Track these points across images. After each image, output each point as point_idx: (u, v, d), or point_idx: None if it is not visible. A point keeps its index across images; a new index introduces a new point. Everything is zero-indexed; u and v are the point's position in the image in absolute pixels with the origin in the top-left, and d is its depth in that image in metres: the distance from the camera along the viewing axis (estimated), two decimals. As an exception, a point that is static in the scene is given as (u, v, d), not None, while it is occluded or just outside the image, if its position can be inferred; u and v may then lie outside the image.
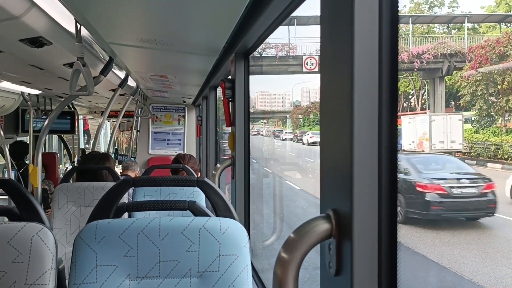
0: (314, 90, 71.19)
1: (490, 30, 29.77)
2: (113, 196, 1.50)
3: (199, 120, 5.46)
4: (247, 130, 2.28)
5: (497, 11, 30.83)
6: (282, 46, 23.69)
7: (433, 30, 32.91)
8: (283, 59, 23.77)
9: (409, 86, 31.54)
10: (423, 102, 31.58)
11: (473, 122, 24.81)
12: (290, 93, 69.70)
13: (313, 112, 41.87)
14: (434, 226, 8.21)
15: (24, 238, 1.18)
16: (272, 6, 1.40)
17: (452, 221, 8.37)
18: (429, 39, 26.16)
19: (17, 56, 2.45)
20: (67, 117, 6.11)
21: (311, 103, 47.59)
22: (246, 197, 2.31)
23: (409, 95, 32.77)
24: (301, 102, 64.98)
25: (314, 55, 23.64)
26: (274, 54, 23.39)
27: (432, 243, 7.56)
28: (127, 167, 4.54)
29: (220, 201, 1.55)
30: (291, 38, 24.54)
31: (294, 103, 62.39)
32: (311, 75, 25.84)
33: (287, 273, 0.76)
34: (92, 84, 2.18)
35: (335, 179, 0.79)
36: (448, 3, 39.17)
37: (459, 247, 7.29)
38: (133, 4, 1.62)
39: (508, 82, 19.54)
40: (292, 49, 24.00)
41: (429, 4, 38.87)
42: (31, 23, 1.72)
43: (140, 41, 2.18)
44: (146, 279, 1.24)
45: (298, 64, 23.67)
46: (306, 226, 0.77)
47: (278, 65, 23.81)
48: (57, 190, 2.62)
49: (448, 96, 25.97)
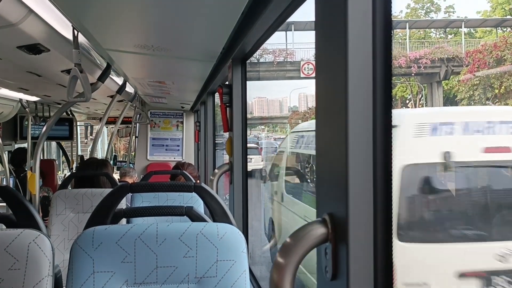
0: (311, 96, 71.36)
1: (486, 35, 29.90)
2: (111, 202, 1.50)
3: (197, 126, 5.46)
4: (244, 136, 2.28)
5: (493, 16, 30.98)
6: (280, 52, 23.66)
7: (429, 36, 33.05)
8: (281, 65, 23.71)
9: (406, 91, 31.61)
10: (421, 106, 31.64)
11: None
12: (288, 99, 69.90)
13: (311, 117, 42.07)
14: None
15: (21, 245, 1.18)
16: (269, 11, 1.41)
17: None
18: (425, 44, 26.25)
19: (14, 63, 2.45)
20: (65, 123, 6.12)
21: (309, 109, 47.87)
22: (244, 203, 2.31)
23: (406, 100, 32.83)
24: (299, 107, 65.16)
25: (311, 60, 23.62)
26: (271, 59, 23.35)
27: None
28: (125, 173, 4.53)
29: (217, 206, 1.54)
30: (288, 44, 24.54)
31: (291, 109, 62.61)
32: (308, 80, 25.85)
33: (284, 278, 0.76)
34: (89, 90, 2.19)
35: (330, 184, 0.79)
36: (444, 8, 39.37)
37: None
38: (130, 10, 1.63)
39: (505, 86, 19.59)
40: (289, 54, 23.98)
41: (425, 10, 39.07)
42: (28, 30, 1.72)
43: (138, 47, 2.18)
44: (143, 285, 1.24)
45: (296, 70, 23.63)
46: (302, 231, 0.77)
47: (276, 70, 23.77)
48: (55, 197, 2.62)
49: (445, 101, 26.01)
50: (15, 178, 5.10)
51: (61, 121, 5.97)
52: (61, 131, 6.09)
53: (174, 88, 4.07)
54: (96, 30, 1.92)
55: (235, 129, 2.26)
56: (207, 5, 1.49)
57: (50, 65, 2.56)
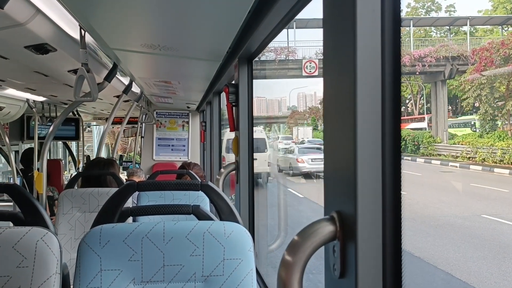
0: (310, 96, 71.46)
1: (486, 34, 29.71)
2: (118, 200, 1.50)
3: (203, 126, 5.47)
4: (251, 135, 2.28)
5: (493, 15, 30.81)
6: (281, 50, 23.31)
7: (430, 35, 32.88)
8: (283, 63, 23.37)
9: (406, 90, 31.44)
10: (421, 106, 31.50)
11: (472, 126, 24.67)
12: (287, 98, 69.96)
13: (311, 116, 41.99)
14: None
15: (28, 243, 1.19)
16: (275, 10, 1.41)
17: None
18: (426, 43, 26.01)
19: (22, 63, 2.47)
20: (71, 123, 6.15)
21: (309, 108, 47.78)
22: (250, 201, 2.31)
23: (406, 100, 32.66)
24: (298, 107, 65.17)
25: (314, 58, 23.26)
26: (273, 57, 22.96)
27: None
28: (132, 173, 4.56)
29: (224, 205, 1.54)
30: (290, 42, 24.18)
31: (290, 108, 62.71)
32: (307, 80, 25.68)
33: (292, 276, 0.76)
34: (96, 90, 2.19)
35: (339, 181, 0.79)
36: (445, 8, 39.19)
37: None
38: (137, 10, 1.63)
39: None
40: (291, 52, 23.62)
41: (426, 9, 38.90)
42: (36, 29, 1.73)
43: (144, 46, 2.19)
44: (150, 283, 1.24)
45: (298, 68, 23.28)
46: (310, 228, 0.77)
47: (277, 69, 23.40)
48: (61, 196, 2.63)
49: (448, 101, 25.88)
50: (22, 177, 5.13)
51: (68, 121, 6.00)
52: (67, 131, 6.13)
53: (180, 88, 4.07)
54: (103, 30, 1.93)
55: (242, 129, 2.26)
56: (213, 5, 1.50)
57: (57, 65, 2.58)
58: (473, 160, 18.64)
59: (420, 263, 7.33)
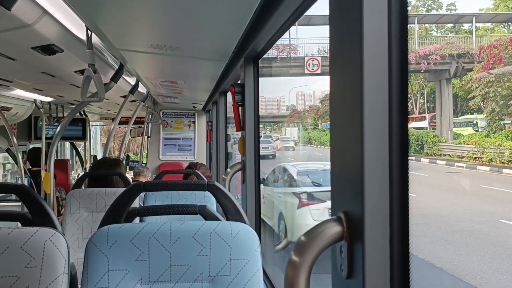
0: (309, 95, 71.40)
1: (487, 33, 29.45)
2: (125, 200, 1.51)
3: (209, 126, 5.48)
4: (257, 134, 2.28)
5: (499, 12, 30.55)
6: (283, 47, 22.94)
7: (430, 33, 32.65)
8: (284, 61, 23.00)
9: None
10: (421, 105, 31.28)
11: (474, 125, 24.42)
12: (286, 98, 70.01)
13: (311, 116, 41.93)
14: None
15: (37, 243, 1.19)
16: (281, 9, 1.40)
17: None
18: (426, 42, 25.75)
19: (29, 64, 2.49)
20: (78, 124, 6.19)
21: (309, 107, 47.79)
22: (256, 201, 2.31)
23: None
24: (297, 106, 65.08)
25: (316, 56, 22.85)
26: (274, 55, 22.58)
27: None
28: (138, 173, 4.58)
29: (230, 205, 1.54)
30: (292, 39, 23.72)
31: (289, 107, 62.70)
32: (307, 79, 25.44)
33: (299, 276, 0.76)
34: (103, 90, 2.20)
35: (345, 181, 0.79)
36: (445, 6, 38.93)
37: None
38: (143, 10, 1.64)
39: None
40: (293, 50, 23.24)
41: (427, 7, 38.62)
42: (43, 31, 1.74)
43: (150, 47, 2.19)
44: (157, 283, 1.24)
45: (300, 66, 22.81)
46: (317, 229, 0.77)
47: (279, 67, 23.06)
48: (69, 196, 2.64)
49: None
50: (30, 178, 5.16)
51: (75, 121, 6.04)
52: (74, 131, 6.17)
53: (186, 87, 4.08)
54: (109, 31, 1.93)
55: (248, 128, 2.25)
56: (220, 5, 1.49)
57: (64, 66, 2.59)
58: (480, 160, 18.46)
59: (442, 275, 6.84)
